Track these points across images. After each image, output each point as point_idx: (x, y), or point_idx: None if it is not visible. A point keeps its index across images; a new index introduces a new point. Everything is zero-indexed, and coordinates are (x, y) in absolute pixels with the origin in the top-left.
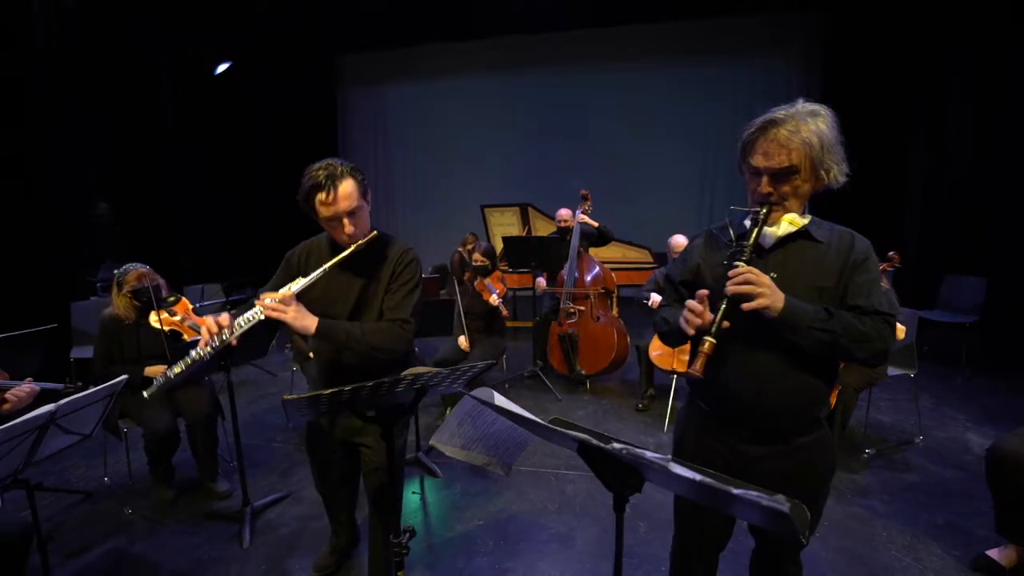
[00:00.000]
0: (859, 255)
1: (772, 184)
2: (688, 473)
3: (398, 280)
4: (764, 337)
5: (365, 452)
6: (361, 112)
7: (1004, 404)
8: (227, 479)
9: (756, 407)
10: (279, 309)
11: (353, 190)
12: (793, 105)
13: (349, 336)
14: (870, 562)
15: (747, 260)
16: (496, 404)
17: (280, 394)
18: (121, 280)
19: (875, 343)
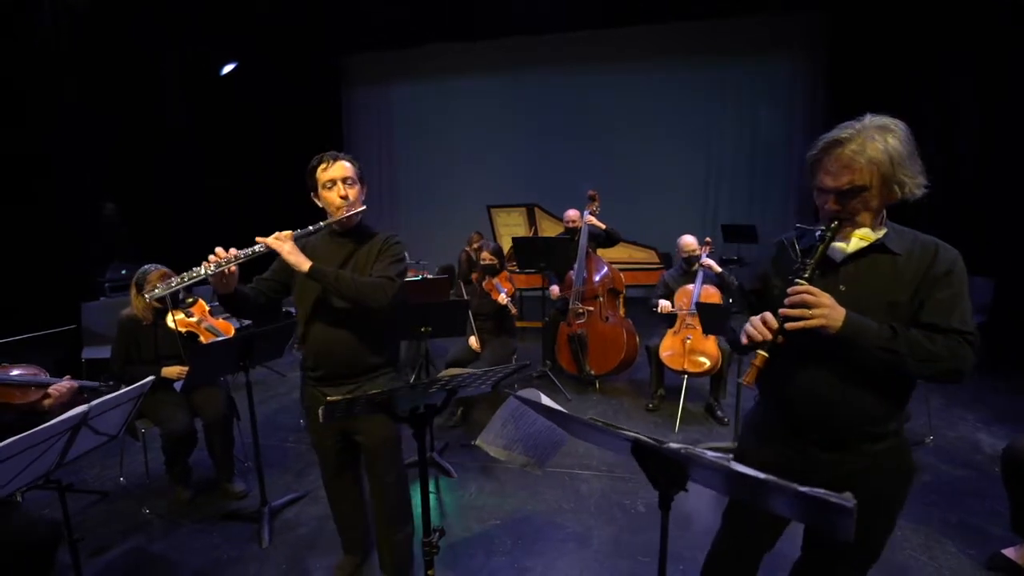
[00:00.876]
0: (941, 269)
1: (839, 202)
2: (751, 472)
3: (385, 253)
4: (827, 351)
5: (359, 441)
6: (366, 113)
7: (1013, 404)
8: (243, 479)
9: (821, 414)
10: (278, 241)
11: (350, 168)
12: (860, 120)
13: (339, 279)
14: (887, 561)
15: (809, 277)
16: (544, 404)
17: (290, 394)
18: (141, 281)
19: (945, 363)
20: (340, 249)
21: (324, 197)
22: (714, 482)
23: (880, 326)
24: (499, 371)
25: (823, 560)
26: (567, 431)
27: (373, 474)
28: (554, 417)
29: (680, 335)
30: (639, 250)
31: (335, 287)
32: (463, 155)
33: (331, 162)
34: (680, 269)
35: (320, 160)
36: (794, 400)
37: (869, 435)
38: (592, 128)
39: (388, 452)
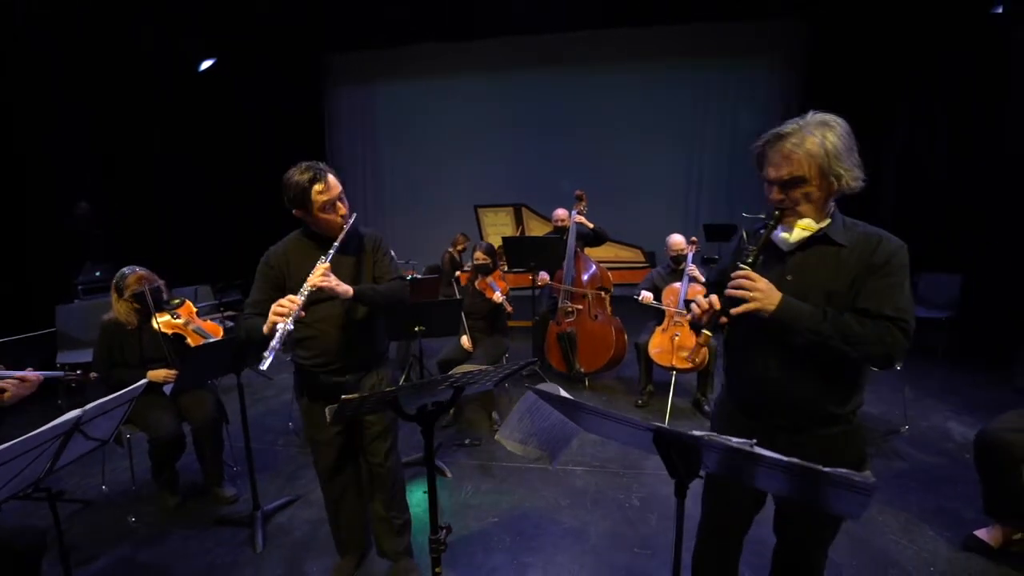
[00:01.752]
0: (879, 259)
1: (782, 192)
2: (775, 456)
3: (379, 252)
4: (773, 337)
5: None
6: (349, 112)
7: (980, 394)
8: (232, 484)
9: (776, 395)
10: (327, 279)
11: (336, 180)
12: (803, 117)
13: (377, 294)
14: (870, 546)
15: (752, 263)
16: (563, 397)
17: (277, 397)
18: (121, 285)
19: (872, 346)
20: (346, 262)
21: (322, 218)
22: (731, 468)
23: (813, 310)
24: (507, 368)
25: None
26: (582, 424)
27: (372, 459)
28: (571, 410)
29: (668, 332)
30: (625, 249)
31: (376, 302)
32: (449, 155)
33: (325, 182)
34: (668, 268)
35: (312, 179)
36: (747, 384)
37: (819, 418)
38: (577, 128)
39: (390, 436)
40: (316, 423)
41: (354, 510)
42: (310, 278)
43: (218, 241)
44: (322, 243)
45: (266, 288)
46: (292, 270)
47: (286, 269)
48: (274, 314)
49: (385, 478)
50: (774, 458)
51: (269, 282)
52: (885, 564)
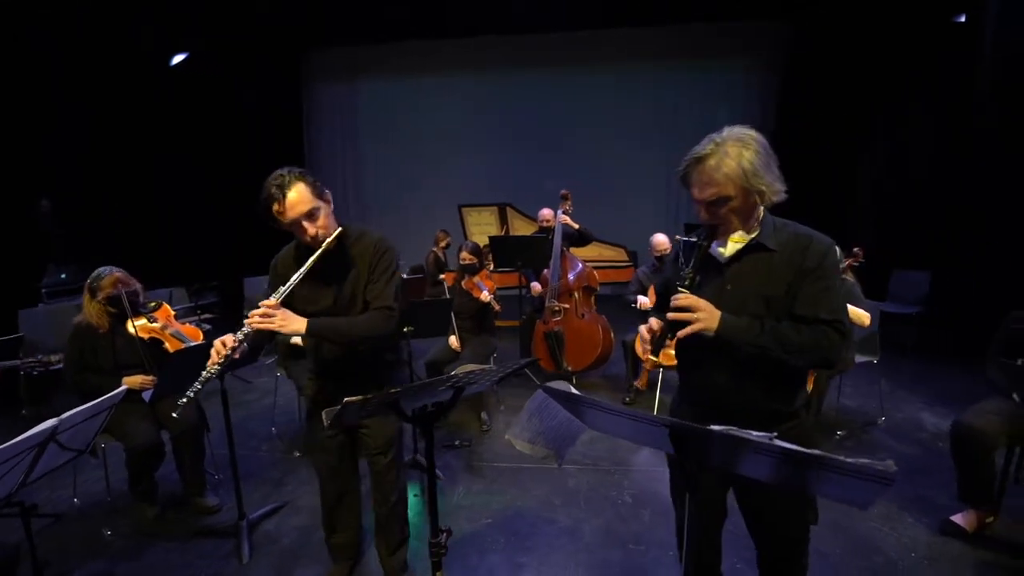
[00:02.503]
0: (811, 263)
1: (708, 212)
2: (796, 448)
3: (377, 270)
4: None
5: (364, 434)
6: (329, 110)
7: (950, 385)
8: (214, 492)
9: (728, 399)
10: (266, 321)
11: (304, 193)
12: (720, 133)
13: (337, 331)
14: (852, 533)
15: (689, 285)
16: (576, 395)
17: (259, 401)
18: (95, 286)
19: (809, 353)
20: (328, 273)
21: (295, 235)
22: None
23: (750, 323)
24: (509, 367)
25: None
26: (588, 422)
27: (377, 471)
28: (582, 407)
29: None
30: (608, 248)
31: (337, 339)
32: (431, 154)
33: (281, 201)
34: (652, 267)
35: (269, 197)
36: (698, 391)
37: (768, 418)
38: (560, 128)
39: (392, 450)
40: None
41: (350, 518)
42: (250, 316)
43: (193, 241)
44: (304, 257)
45: (273, 289)
46: (288, 277)
47: (284, 275)
48: (214, 353)
49: (388, 494)
50: (796, 450)
51: (274, 285)
52: (869, 551)
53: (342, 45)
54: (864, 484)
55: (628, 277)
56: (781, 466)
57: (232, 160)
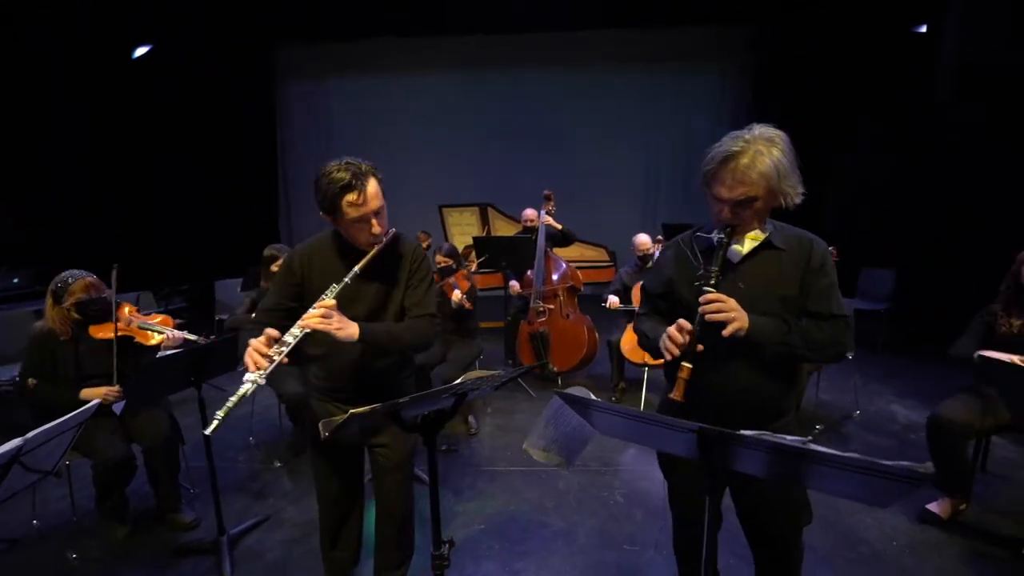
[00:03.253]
0: (816, 263)
1: (733, 211)
2: (831, 451)
3: (416, 276)
4: (732, 348)
5: (380, 452)
6: (303, 108)
7: (917, 378)
8: (191, 508)
9: (731, 404)
10: (325, 322)
11: (378, 189)
12: (750, 130)
13: (391, 337)
14: (839, 525)
15: (715, 284)
16: (595, 401)
17: (233, 410)
18: (61, 291)
19: (831, 348)
20: (367, 283)
21: (349, 231)
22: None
23: (776, 323)
24: (511, 372)
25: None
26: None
27: (386, 488)
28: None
29: None
30: (590, 248)
31: (389, 344)
32: (409, 154)
33: (362, 192)
34: (635, 266)
35: (347, 187)
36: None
37: (774, 414)
38: (539, 129)
39: (406, 469)
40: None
41: (352, 535)
42: (304, 317)
43: (160, 243)
44: (349, 255)
45: (282, 295)
46: (313, 279)
47: (308, 276)
48: (251, 360)
49: (397, 512)
50: (831, 454)
51: (287, 289)
52: (854, 541)
53: (315, 41)
54: (892, 484)
55: (610, 277)
56: (810, 468)
57: (201, 158)
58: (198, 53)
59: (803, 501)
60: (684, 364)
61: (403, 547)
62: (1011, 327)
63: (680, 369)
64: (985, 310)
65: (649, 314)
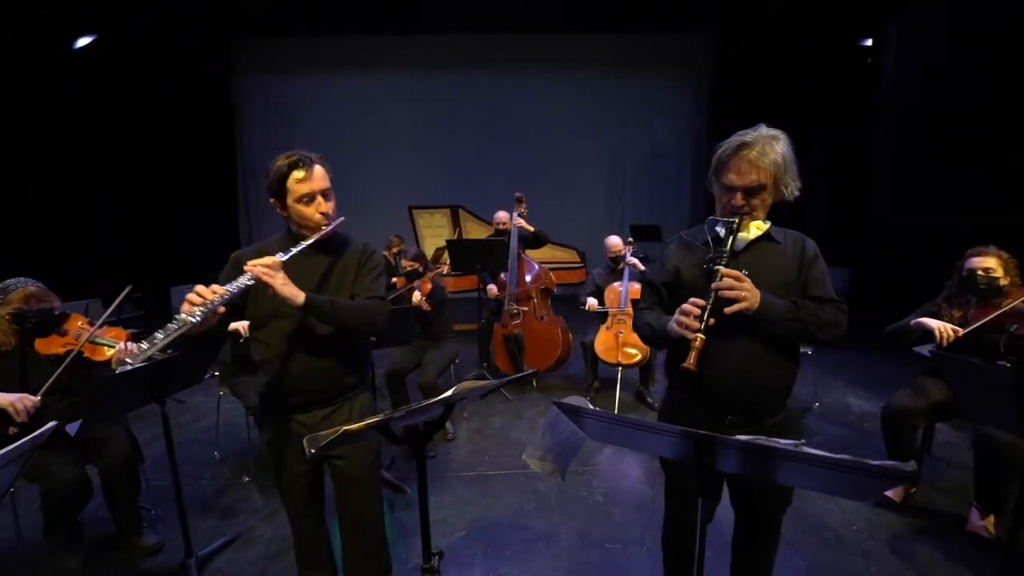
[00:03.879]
0: (811, 253)
1: (744, 198)
2: (826, 454)
3: (366, 266)
4: (741, 330)
5: (338, 465)
6: (262, 105)
7: (869, 371)
8: (153, 530)
9: (737, 393)
10: (268, 274)
11: (325, 174)
12: (757, 129)
13: (337, 309)
14: (804, 513)
15: (726, 264)
16: (593, 411)
17: (194, 424)
18: None
19: (834, 327)
20: (314, 265)
21: (297, 210)
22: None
23: (784, 302)
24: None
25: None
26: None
27: (354, 502)
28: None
29: (613, 330)
30: (561, 250)
31: (333, 317)
32: (377, 155)
33: (307, 170)
34: (607, 268)
35: (293, 165)
36: (719, 376)
37: (774, 407)
38: (508, 130)
39: (374, 476)
40: (282, 460)
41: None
42: (250, 263)
43: (111, 247)
44: (317, 251)
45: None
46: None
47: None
48: (187, 301)
49: (364, 527)
50: (823, 456)
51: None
52: (818, 527)
53: (275, 36)
54: (876, 481)
55: (581, 278)
56: (802, 469)
57: (152, 157)
58: (147, 44)
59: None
60: (698, 335)
61: (376, 560)
62: (952, 318)
63: (693, 339)
64: (931, 301)
65: (652, 307)
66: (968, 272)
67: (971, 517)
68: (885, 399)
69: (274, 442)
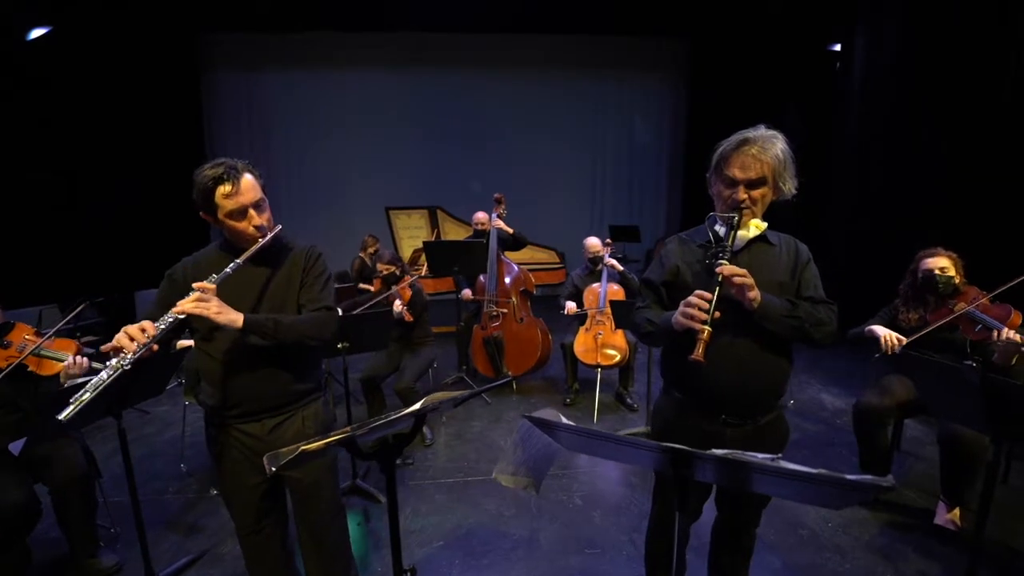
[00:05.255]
0: (804, 256)
1: (745, 192)
2: (801, 468)
3: (311, 273)
4: (739, 329)
5: (291, 478)
6: (232, 103)
7: (839, 369)
8: (111, 550)
9: (734, 391)
10: (202, 305)
11: (254, 183)
12: (757, 128)
13: (279, 327)
14: (781, 512)
15: (728, 260)
16: (567, 424)
17: (158, 435)
18: None
19: (828, 326)
20: (255, 277)
21: (228, 225)
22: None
23: (782, 300)
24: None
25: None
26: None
27: (310, 516)
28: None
29: (592, 331)
30: (540, 251)
31: (275, 336)
32: (353, 154)
33: (234, 183)
34: (586, 269)
35: (217, 179)
36: (716, 375)
37: (768, 405)
38: (486, 130)
39: (329, 486)
40: (231, 475)
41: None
42: (180, 302)
43: (69, 250)
44: (257, 263)
45: (160, 309)
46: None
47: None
48: (116, 341)
49: (324, 537)
50: (800, 471)
51: (165, 301)
52: (795, 525)
53: (246, 30)
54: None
55: (560, 278)
56: (779, 482)
57: (117, 155)
58: (110, 37)
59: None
60: (705, 327)
61: (340, 568)
62: (909, 320)
63: (700, 332)
64: (891, 304)
65: (650, 305)
66: (925, 273)
67: (938, 511)
68: (857, 396)
69: (223, 454)
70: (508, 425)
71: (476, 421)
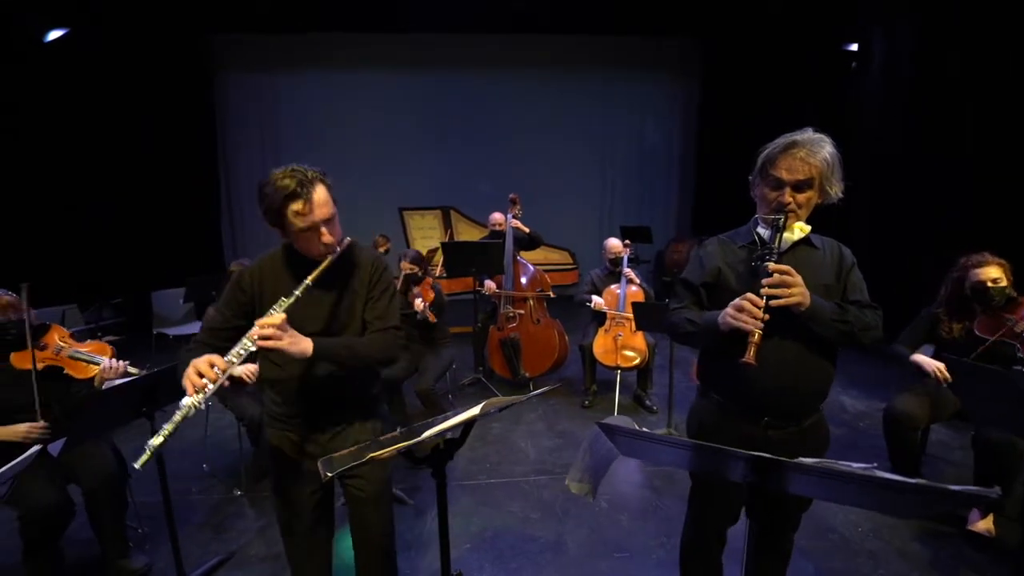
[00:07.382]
0: (848, 259)
1: (791, 194)
2: (900, 478)
3: (377, 287)
4: (786, 331)
5: (354, 484)
6: (245, 104)
7: (862, 371)
8: (141, 550)
9: (778, 394)
10: (274, 337)
11: (327, 197)
12: (804, 131)
13: (351, 352)
14: (811, 516)
15: (776, 261)
16: (646, 432)
17: (179, 435)
18: None
19: (875, 331)
20: (322, 295)
21: (298, 241)
22: (829, 489)
23: (831, 304)
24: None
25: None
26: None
27: (365, 519)
28: (663, 444)
29: (611, 333)
30: (554, 251)
31: (347, 361)
32: (365, 154)
33: (307, 201)
34: (605, 270)
35: (291, 194)
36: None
37: (811, 409)
38: (496, 131)
39: (385, 498)
40: (289, 479)
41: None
42: (249, 334)
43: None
44: (302, 269)
45: (230, 314)
46: (264, 296)
47: (258, 294)
48: (190, 383)
49: (379, 545)
50: (900, 481)
51: (235, 307)
52: (824, 530)
53: (258, 32)
54: (939, 503)
55: (574, 279)
56: (870, 491)
57: (132, 157)
58: (125, 39)
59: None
60: (756, 330)
61: None
62: (952, 331)
63: (752, 334)
64: (930, 310)
65: (688, 305)
66: (976, 285)
67: (971, 517)
68: (878, 399)
69: (281, 460)
70: (528, 427)
71: (497, 423)
